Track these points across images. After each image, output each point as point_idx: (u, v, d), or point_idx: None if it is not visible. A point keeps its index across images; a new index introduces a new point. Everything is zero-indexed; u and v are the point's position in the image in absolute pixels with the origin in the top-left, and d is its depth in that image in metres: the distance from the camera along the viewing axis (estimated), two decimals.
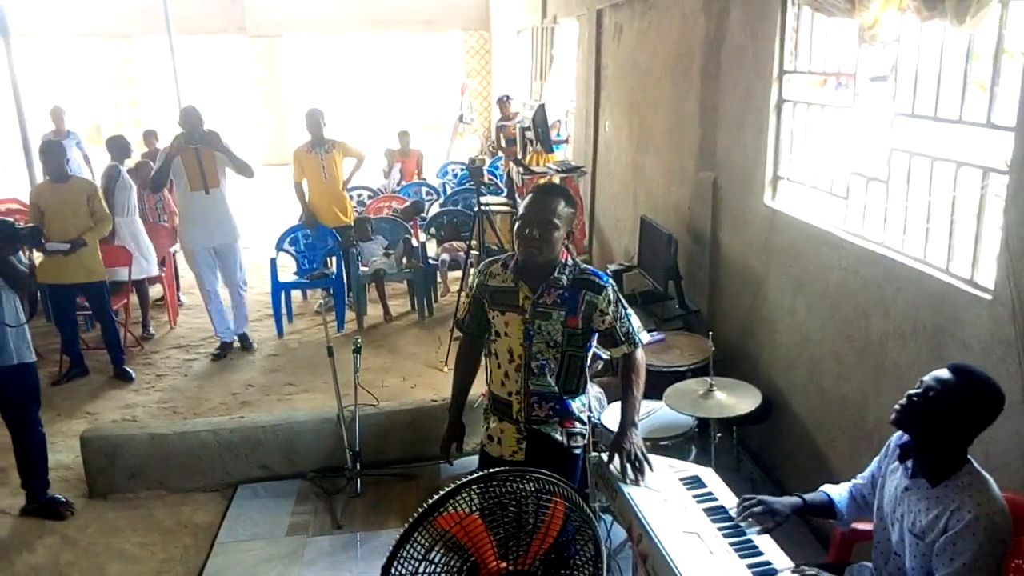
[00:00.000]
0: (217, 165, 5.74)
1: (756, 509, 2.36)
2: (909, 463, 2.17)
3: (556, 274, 2.63)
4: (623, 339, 2.70)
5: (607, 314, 2.65)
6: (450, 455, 3.00)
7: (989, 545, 1.94)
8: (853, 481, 2.49)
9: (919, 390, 2.09)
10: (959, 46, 2.73)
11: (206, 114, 5.83)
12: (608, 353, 2.95)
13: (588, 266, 2.77)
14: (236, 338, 6.27)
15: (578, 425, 2.76)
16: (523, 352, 2.65)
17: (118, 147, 6.72)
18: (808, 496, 2.48)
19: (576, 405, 2.75)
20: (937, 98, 2.85)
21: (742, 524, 2.36)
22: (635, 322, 2.74)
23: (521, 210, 2.66)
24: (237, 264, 6.12)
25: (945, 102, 2.81)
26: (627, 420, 2.67)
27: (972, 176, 2.74)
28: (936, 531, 2.02)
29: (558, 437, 2.72)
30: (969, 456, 2.09)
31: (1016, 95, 2.42)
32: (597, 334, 2.73)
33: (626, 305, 2.73)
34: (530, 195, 2.69)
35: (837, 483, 2.55)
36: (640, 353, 2.77)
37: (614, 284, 2.72)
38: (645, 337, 2.77)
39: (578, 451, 2.77)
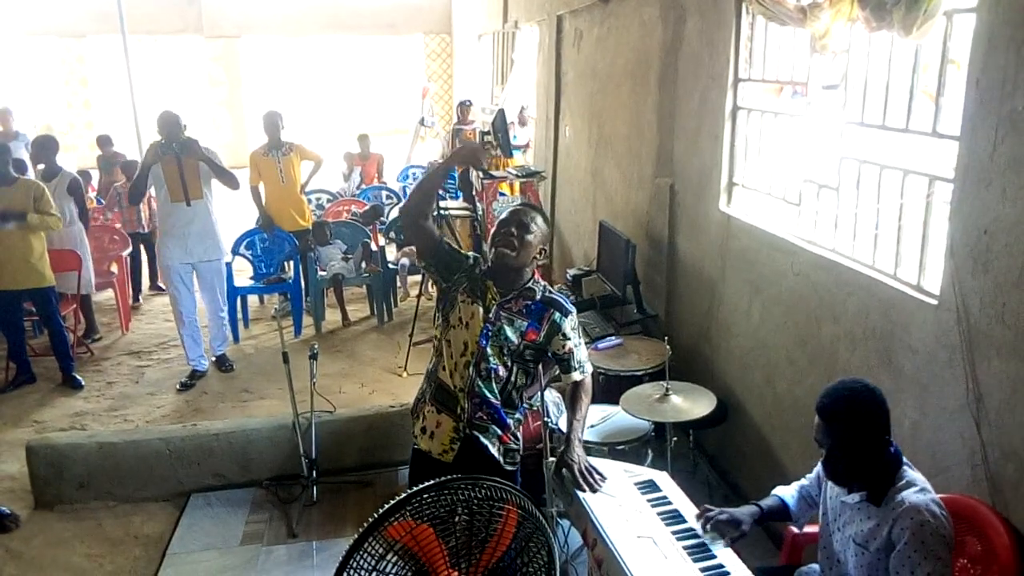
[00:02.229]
0: (201, 176, 5.42)
1: (721, 518, 2.38)
2: None
3: (530, 285, 2.73)
4: (577, 366, 2.79)
5: (569, 339, 2.74)
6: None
7: (939, 549, 1.99)
8: (801, 481, 2.54)
9: (824, 456, 2.18)
10: (907, 57, 2.79)
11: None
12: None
13: (554, 290, 2.87)
14: (214, 358, 5.94)
15: (513, 442, 2.81)
16: (476, 350, 2.68)
17: (44, 148, 6.24)
18: (764, 503, 2.52)
19: (511, 422, 2.80)
20: (885, 107, 2.91)
21: (705, 537, 2.36)
22: (585, 352, 2.85)
23: (502, 216, 2.76)
24: (219, 285, 5.77)
25: (893, 111, 2.87)
26: (572, 435, 2.74)
27: (919, 184, 2.80)
28: (879, 540, 2.07)
29: (494, 452, 2.74)
30: (903, 459, 2.15)
31: (960, 106, 2.48)
32: (548, 356, 2.81)
33: (581, 335, 2.85)
34: (511, 207, 2.82)
35: (790, 485, 2.59)
36: (589, 379, 2.88)
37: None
38: (589, 368, 2.87)
39: (511, 468, 2.81)
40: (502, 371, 2.69)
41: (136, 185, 5.49)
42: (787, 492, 2.54)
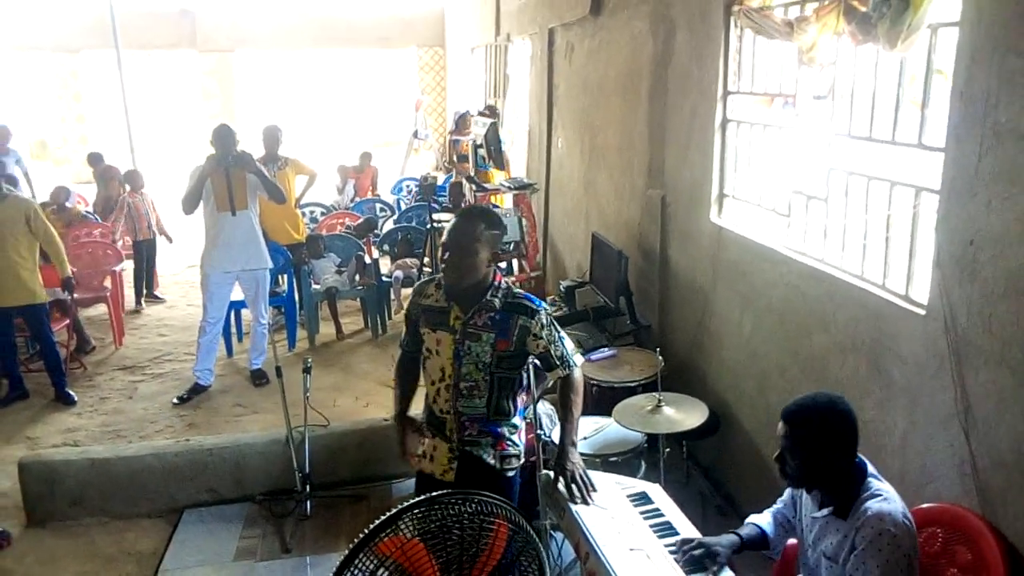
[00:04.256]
0: (248, 188, 5.52)
1: (696, 553, 2.34)
2: (816, 492, 2.24)
3: (488, 296, 2.65)
4: (558, 362, 2.71)
5: (541, 338, 2.67)
6: (408, 452, 2.90)
7: (895, 559, 2.00)
8: (775, 506, 2.53)
9: (776, 453, 2.18)
10: (892, 69, 2.82)
11: (156, 129, 5.65)
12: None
13: (520, 290, 2.79)
14: (249, 373, 5.96)
15: (511, 447, 2.77)
16: (453, 372, 2.67)
17: None
18: (743, 531, 2.49)
19: (505, 429, 2.76)
20: (872, 119, 2.94)
21: (681, 566, 2.31)
22: (569, 345, 2.77)
23: (443, 236, 2.68)
24: (260, 294, 5.77)
25: (880, 123, 2.90)
26: (566, 441, 2.69)
27: (905, 195, 2.82)
28: (845, 550, 2.09)
29: (490, 460, 2.73)
30: (869, 469, 2.16)
31: (945, 117, 2.51)
32: (531, 357, 2.74)
33: (559, 329, 2.76)
34: (453, 219, 2.72)
35: (784, 496, 2.59)
36: (578, 374, 2.79)
37: (547, 308, 2.74)
38: (579, 359, 2.80)
39: (511, 473, 2.79)
40: (483, 385, 2.67)
41: (190, 196, 5.47)
42: (763, 520, 2.52)
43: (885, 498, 2.08)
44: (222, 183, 5.43)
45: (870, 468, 2.19)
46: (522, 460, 2.83)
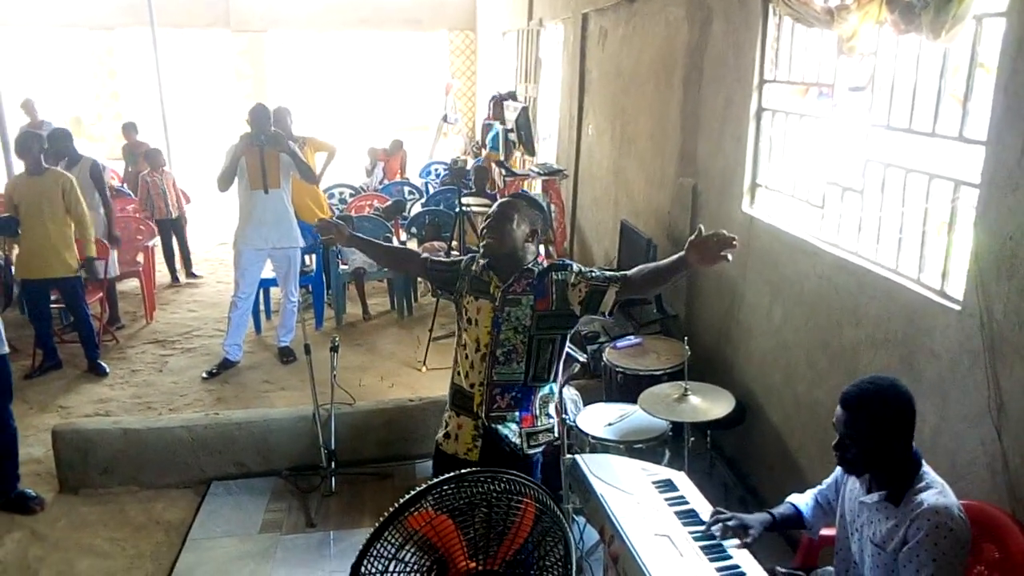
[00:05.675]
0: (281, 167, 5.60)
1: (730, 523, 2.37)
2: (866, 477, 2.21)
3: (529, 267, 2.81)
4: (608, 280, 2.71)
5: (580, 282, 2.75)
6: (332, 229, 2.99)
7: (951, 553, 1.98)
8: (817, 487, 2.52)
9: (836, 440, 2.16)
10: (935, 59, 2.78)
11: (189, 108, 5.72)
12: (584, 356, 2.99)
13: None
14: (277, 350, 6.05)
15: (541, 421, 2.84)
16: (490, 340, 2.76)
17: (60, 139, 6.14)
18: (777, 511, 2.50)
19: (542, 393, 2.83)
20: (912, 110, 2.89)
21: (716, 534, 2.36)
22: (607, 272, 2.80)
23: (491, 208, 2.89)
24: (292, 273, 5.86)
25: (920, 114, 2.86)
26: (687, 246, 2.56)
27: (944, 188, 2.78)
28: (896, 540, 2.07)
29: (514, 439, 2.78)
30: (923, 462, 2.14)
31: (988, 110, 2.47)
32: (574, 321, 2.79)
33: (593, 269, 2.85)
34: (500, 200, 2.93)
35: (807, 488, 2.59)
36: (632, 272, 2.73)
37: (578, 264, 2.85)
38: (632, 271, 2.74)
39: (534, 451, 2.83)
40: (521, 349, 2.75)
41: (225, 173, 5.55)
42: (801, 500, 2.53)
43: (941, 491, 2.06)
44: (256, 161, 5.51)
45: (924, 460, 2.17)
46: (555, 434, 2.87)
